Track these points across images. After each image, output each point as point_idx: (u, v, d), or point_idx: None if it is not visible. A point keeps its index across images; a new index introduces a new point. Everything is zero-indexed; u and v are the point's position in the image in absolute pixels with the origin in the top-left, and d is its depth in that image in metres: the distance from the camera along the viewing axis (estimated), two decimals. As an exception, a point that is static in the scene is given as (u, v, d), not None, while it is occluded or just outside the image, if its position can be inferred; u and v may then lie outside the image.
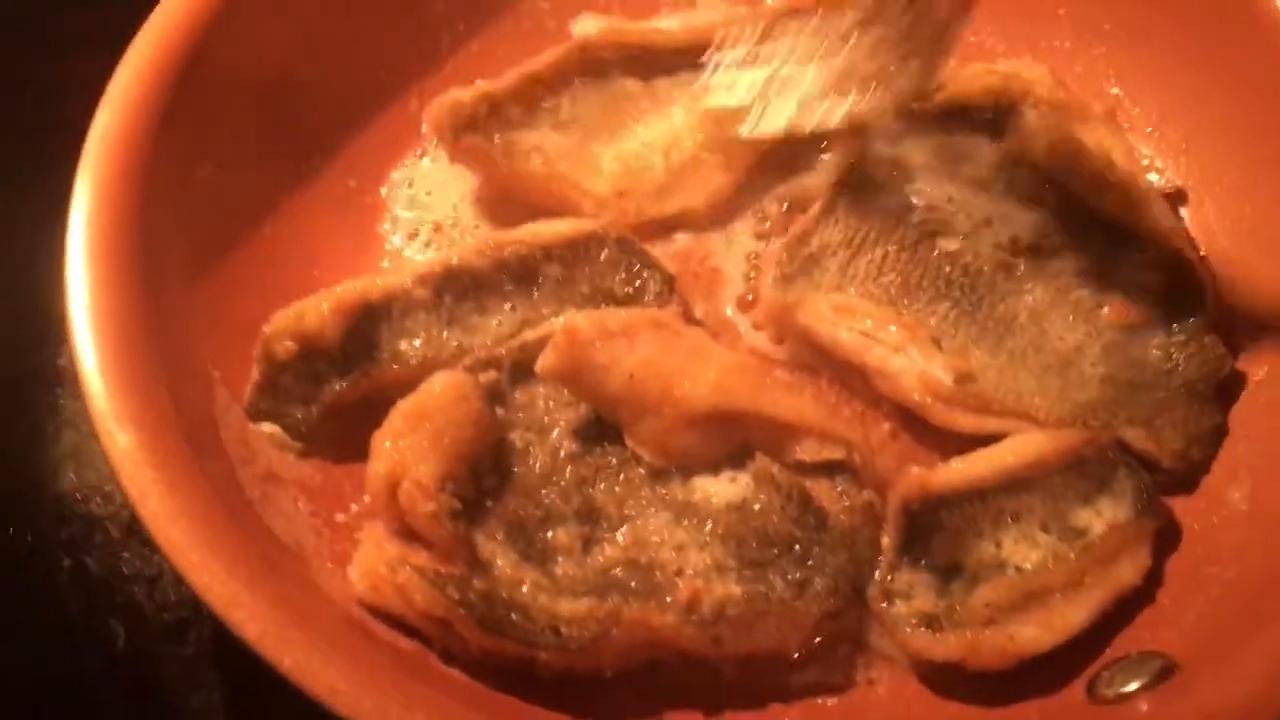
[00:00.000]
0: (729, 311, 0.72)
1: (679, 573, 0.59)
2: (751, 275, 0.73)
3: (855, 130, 0.70)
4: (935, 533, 0.60)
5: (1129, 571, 0.58)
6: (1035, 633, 0.56)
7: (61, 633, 0.67)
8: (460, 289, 0.70)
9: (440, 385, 0.63)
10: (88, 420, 0.57)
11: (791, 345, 0.69)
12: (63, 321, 0.60)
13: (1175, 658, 0.55)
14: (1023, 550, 0.60)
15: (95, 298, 0.60)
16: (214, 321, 0.66)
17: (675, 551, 0.60)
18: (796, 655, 0.59)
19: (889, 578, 0.59)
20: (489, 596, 0.57)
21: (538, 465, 0.64)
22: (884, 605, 0.59)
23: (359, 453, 0.64)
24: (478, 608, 0.56)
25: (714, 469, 0.62)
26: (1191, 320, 0.66)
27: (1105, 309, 0.67)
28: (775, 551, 0.59)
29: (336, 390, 0.67)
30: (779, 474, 0.61)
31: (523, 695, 0.56)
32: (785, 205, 0.75)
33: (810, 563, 0.59)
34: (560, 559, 0.61)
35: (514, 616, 0.57)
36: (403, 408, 0.62)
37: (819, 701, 0.59)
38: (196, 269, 0.66)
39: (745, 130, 0.70)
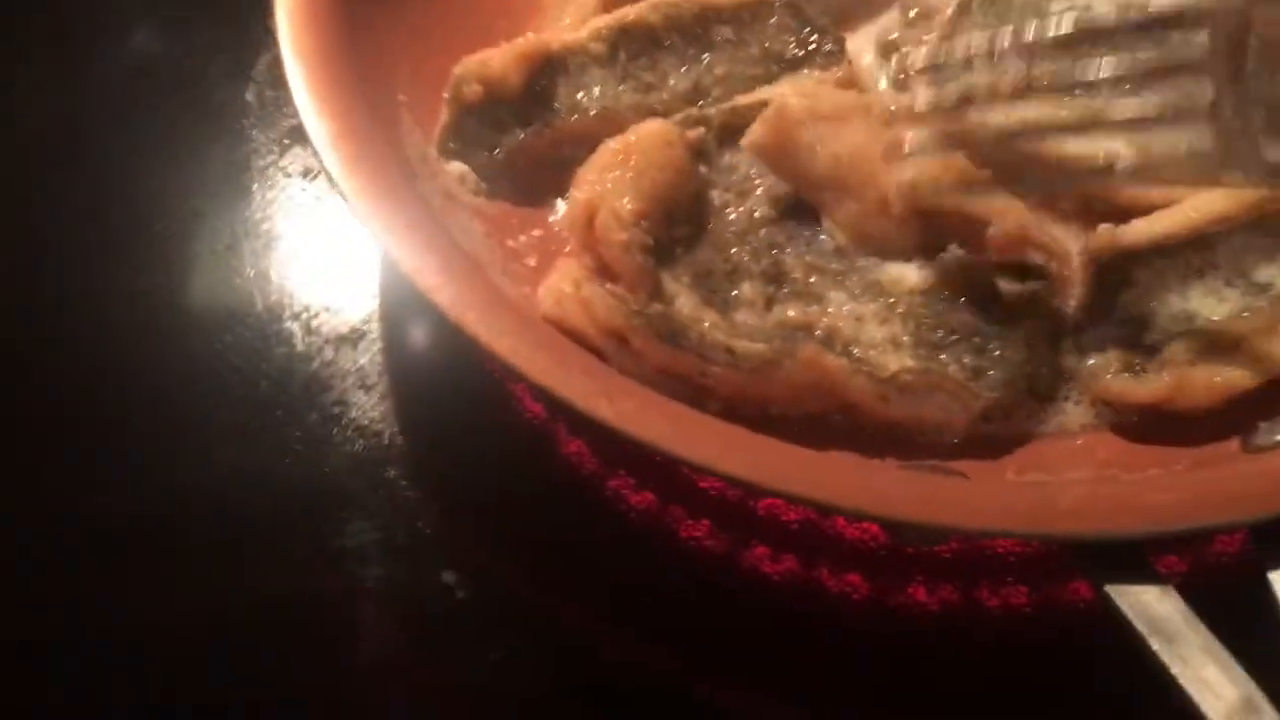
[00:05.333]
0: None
1: (855, 341, 0.60)
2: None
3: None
4: (1124, 288, 0.62)
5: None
6: (1239, 370, 0.58)
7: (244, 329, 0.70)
8: (635, 46, 0.71)
9: (648, 130, 0.64)
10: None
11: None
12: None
13: None
14: (1211, 304, 0.62)
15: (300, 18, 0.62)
16: (405, 50, 0.67)
17: (855, 321, 0.61)
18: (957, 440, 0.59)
19: (1083, 333, 0.61)
20: (668, 316, 0.59)
21: (732, 223, 0.65)
22: (1078, 358, 0.60)
23: (537, 200, 0.67)
24: (656, 321, 0.58)
25: (907, 256, 0.63)
26: None
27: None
28: (955, 337, 0.60)
29: (519, 138, 0.68)
30: (972, 268, 0.62)
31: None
32: (913, 13, 0.74)
33: (988, 354, 0.60)
34: (742, 310, 0.62)
35: (690, 333, 0.58)
36: (610, 144, 0.64)
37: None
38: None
39: None
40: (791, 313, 0.62)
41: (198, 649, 0.59)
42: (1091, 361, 0.61)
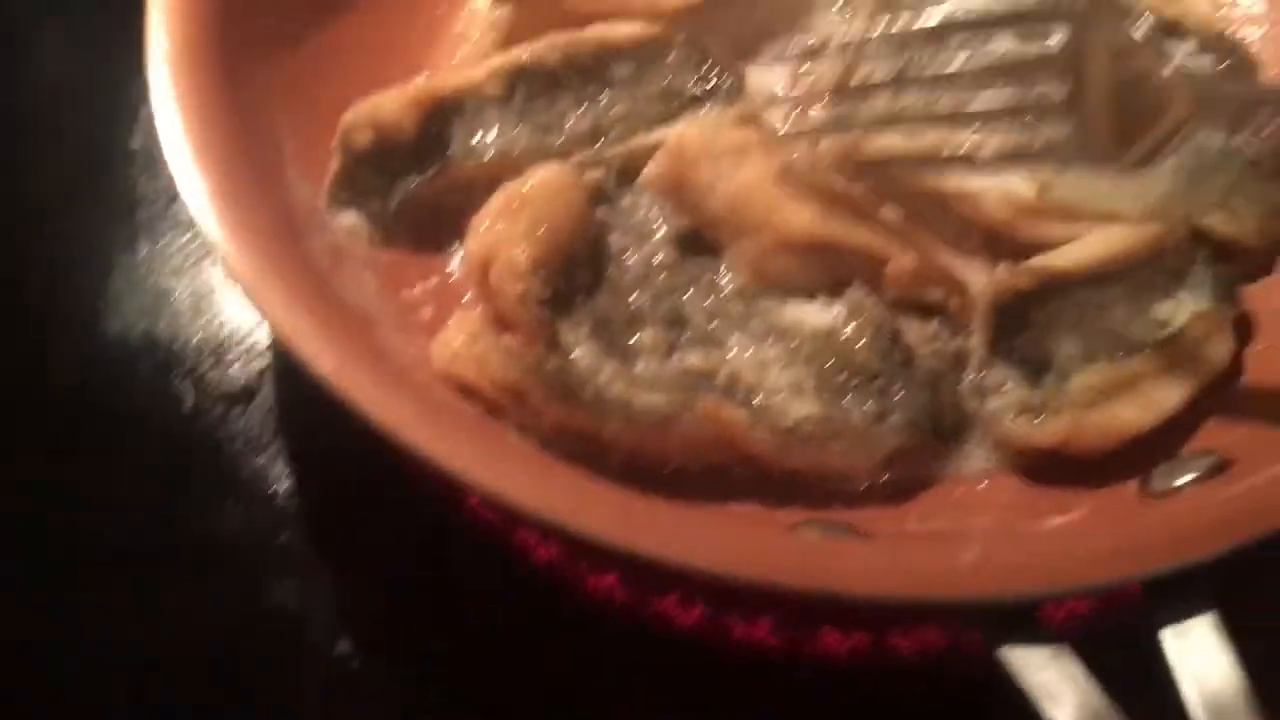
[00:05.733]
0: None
1: (757, 388, 0.59)
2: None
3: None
4: (1024, 329, 0.61)
5: (1216, 355, 0.60)
6: (1136, 412, 0.58)
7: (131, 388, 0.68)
8: (532, 86, 0.69)
9: (544, 175, 0.63)
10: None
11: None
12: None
13: (1232, 455, 0.56)
14: (1110, 342, 0.61)
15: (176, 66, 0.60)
16: (288, 99, 0.65)
17: (756, 368, 0.60)
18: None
19: (982, 374, 0.60)
20: (565, 370, 0.58)
21: (632, 268, 0.64)
22: (979, 402, 0.60)
23: (434, 248, 0.65)
24: (552, 377, 0.57)
25: (809, 295, 0.63)
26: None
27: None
28: (857, 381, 0.59)
29: (414, 185, 0.66)
30: (873, 307, 0.62)
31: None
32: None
33: (890, 397, 0.59)
34: (642, 358, 0.61)
35: (587, 389, 0.57)
36: (506, 190, 0.62)
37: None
38: (277, 46, 0.65)
39: None
40: (693, 360, 0.61)
41: (78, 715, 0.57)
42: (992, 404, 0.60)
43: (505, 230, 0.61)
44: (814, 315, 0.62)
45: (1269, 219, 0.66)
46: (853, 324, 0.61)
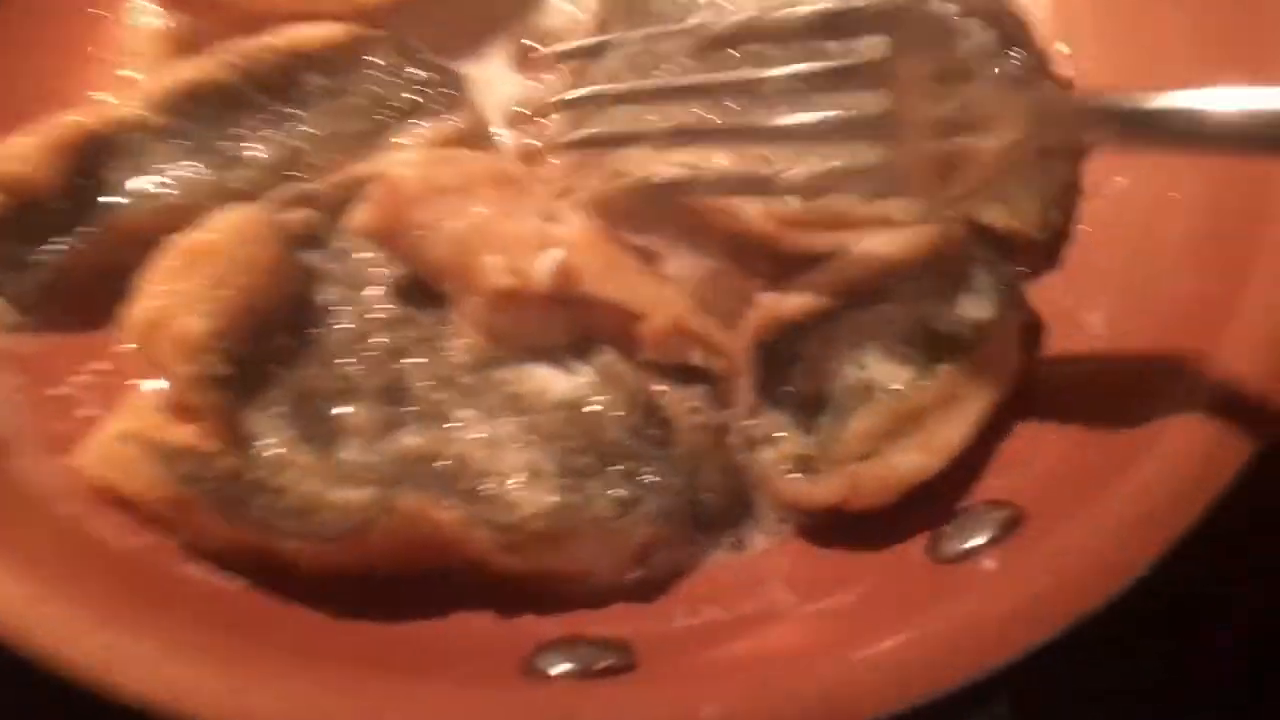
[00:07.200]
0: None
1: (487, 472, 0.51)
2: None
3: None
4: (793, 364, 0.54)
5: (1002, 376, 0.54)
6: (917, 458, 0.51)
7: None
8: (207, 111, 0.59)
9: (228, 221, 0.53)
10: None
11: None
12: None
13: (1023, 506, 0.50)
14: (889, 368, 0.55)
15: None
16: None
17: (488, 448, 0.51)
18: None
19: (751, 422, 0.53)
20: (234, 476, 0.49)
21: (345, 328, 0.54)
22: (749, 456, 0.53)
23: (96, 323, 0.54)
24: (213, 488, 0.48)
25: (552, 357, 0.54)
26: (1018, 65, 0.60)
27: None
28: (604, 462, 0.51)
29: (63, 251, 0.56)
30: (627, 374, 0.53)
31: (278, 593, 0.48)
32: (529, 43, 0.65)
33: (642, 481, 0.51)
34: (349, 442, 0.52)
35: (260, 500, 0.48)
36: (180, 243, 0.52)
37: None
38: None
39: None
40: (412, 440, 0.52)
41: None
42: (764, 455, 0.53)
43: (176, 294, 0.52)
44: (557, 383, 0.53)
45: (1047, 207, 0.59)
46: (601, 394, 0.52)
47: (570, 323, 0.54)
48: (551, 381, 0.53)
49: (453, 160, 0.57)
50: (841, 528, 0.52)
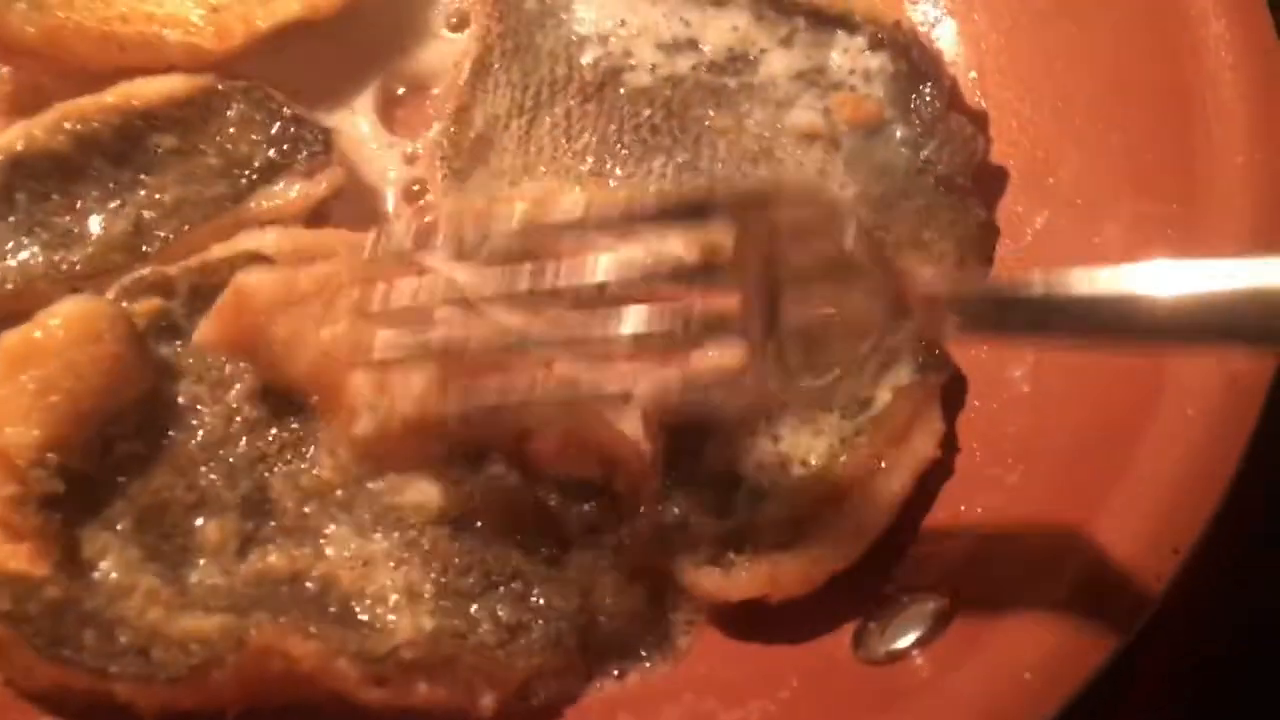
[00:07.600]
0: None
1: (358, 595, 0.46)
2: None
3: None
4: (706, 440, 0.49)
5: (925, 442, 0.49)
6: (839, 547, 0.47)
7: None
8: (37, 184, 0.54)
9: (65, 315, 0.48)
10: None
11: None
12: None
13: (950, 594, 0.46)
14: (805, 440, 0.50)
15: None
16: None
17: (360, 567, 0.46)
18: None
19: (659, 508, 0.48)
20: (59, 609, 0.44)
21: (203, 431, 0.49)
22: (662, 548, 0.48)
23: None
24: (36, 626, 0.43)
25: (433, 468, 0.48)
26: (929, 100, 0.56)
27: (833, 111, 0.57)
28: (488, 583, 0.46)
29: None
30: (517, 486, 0.48)
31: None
32: (401, 90, 0.60)
33: (531, 604, 0.46)
34: (202, 562, 0.47)
35: (88, 636, 0.43)
36: (3, 342, 0.47)
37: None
38: None
39: None
40: (275, 558, 0.47)
41: None
42: (677, 544, 0.48)
43: (1, 403, 0.46)
44: (438, 495, 0.47)
45: (962, 250, 0.55)
46: (489, 508, 0.47)
47: (451, 437, 0.48)
48: (432, 494, 0.48)
49: (317, 249, 0.51)
50: (761, 617, 0.47)
